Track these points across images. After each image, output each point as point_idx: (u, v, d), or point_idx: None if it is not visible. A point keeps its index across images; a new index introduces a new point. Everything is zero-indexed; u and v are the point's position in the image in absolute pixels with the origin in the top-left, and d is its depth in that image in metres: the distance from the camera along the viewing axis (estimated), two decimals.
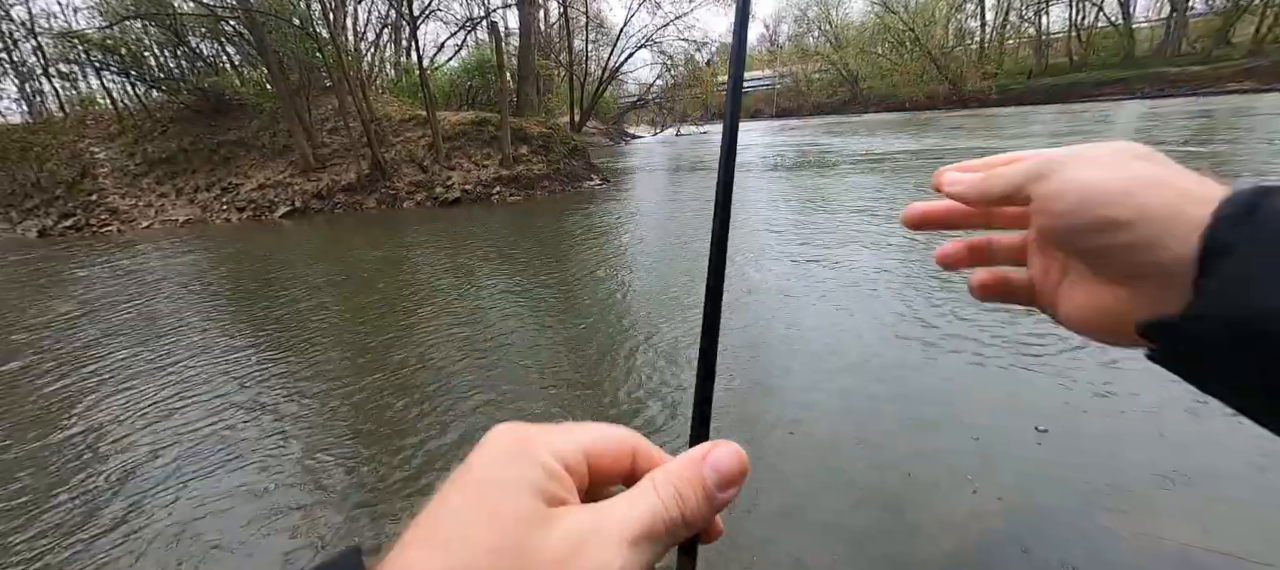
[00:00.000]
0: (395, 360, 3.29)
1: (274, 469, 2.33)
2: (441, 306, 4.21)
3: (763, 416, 2.43)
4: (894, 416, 2.35)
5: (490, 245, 6.29)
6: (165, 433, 2.67)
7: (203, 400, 2.97)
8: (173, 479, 2.31)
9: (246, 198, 10.20)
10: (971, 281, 0.35)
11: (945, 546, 1.67)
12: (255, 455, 2.43)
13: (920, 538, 1.70)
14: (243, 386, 3.10)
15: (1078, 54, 34.98)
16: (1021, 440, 2.12)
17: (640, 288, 4.34)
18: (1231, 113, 15.07)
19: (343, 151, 10.98)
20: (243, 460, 2.40)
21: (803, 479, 2.01)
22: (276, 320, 4.20)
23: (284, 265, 6.04)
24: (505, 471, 0.22)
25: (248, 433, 2.62)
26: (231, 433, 2.63)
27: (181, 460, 2.43)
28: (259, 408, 2.85)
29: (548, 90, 22.52)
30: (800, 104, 43.44)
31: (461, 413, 2.64)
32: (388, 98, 13.50)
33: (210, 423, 2.73)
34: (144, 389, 3.17)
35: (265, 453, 2.44)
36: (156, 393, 3.10)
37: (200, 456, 2.45)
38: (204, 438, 2.60)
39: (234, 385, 3.13)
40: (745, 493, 1.95)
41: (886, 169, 9.81)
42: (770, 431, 2.31)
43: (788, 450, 2.19)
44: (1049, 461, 1.99)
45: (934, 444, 2.14)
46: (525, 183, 10.46)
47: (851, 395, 2.54)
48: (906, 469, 2.00)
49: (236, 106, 11.72)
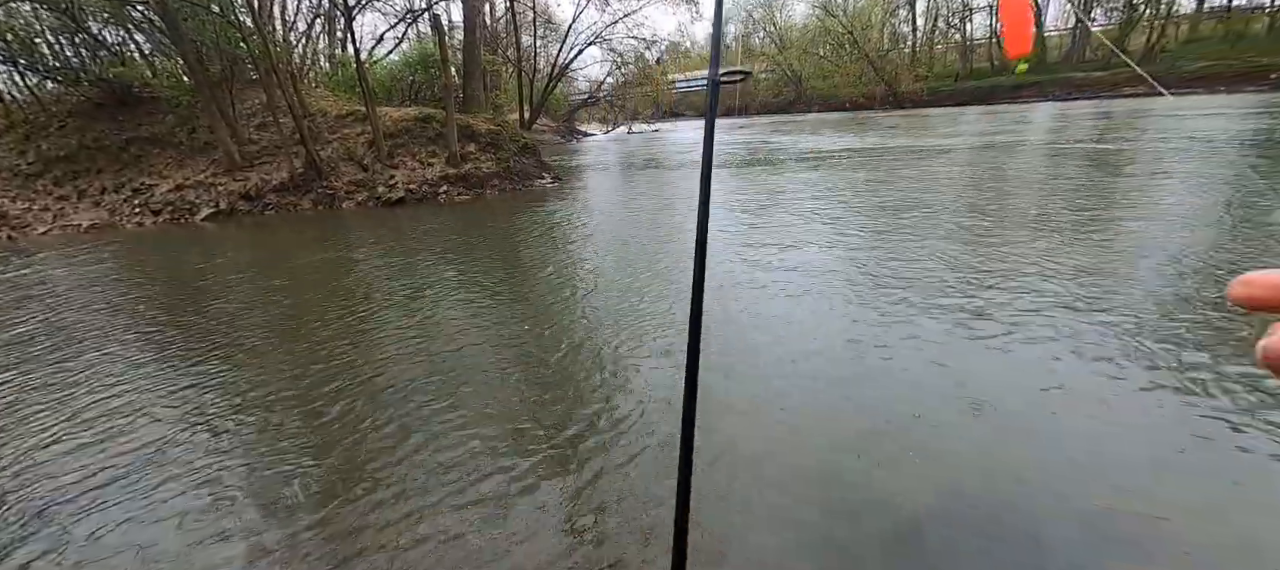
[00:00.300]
0: (347, 370, 3.11)
1: (209, 493, 2.14)
2: (397, 310, 4.01)
3: (721, 398, 2.47)
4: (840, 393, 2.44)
5: (442, 247, 6.06)
6: (83, 459, 2.40)
7: (126, 421, 2.69)
8: (96, 508, 2.08)
9: (163, 199, 9.35)
10: (1270, 346, 0.29)
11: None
12: (191, 479, 2.23)
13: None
14: (173, 405, 2.84)
15: (998, 59, 37.72)
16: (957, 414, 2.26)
17: (597, 287, 4.30)
18: (1129, 114, 16.68)
19: (273, 149, 10.27)
20: (176, 483, 2.20)
21: (762, 440, 2.06)
22: (206, 332, 3.87)
23: (214, 273, 5.57)
24: None
25: (181, 456, 2.40)
26: (161, 456, 2.40)
27: (104, 488, 2.20)
28: (192, 428, 2.62)
29: (495, 86, 21.96)
30: (748, 103, 44.50)
31: (421, 420, 2.53)
32: (322, 92, 12.74)
33: (137, 449, 2.48)
34: (55, 413, 2.84)
35: (201, 477, 2.25)
36: (70, 415, 2.78)
37: (125, 483, 2.22)
38: (127, 463, 2.36)
39: (164, 404, 2.85)
40: (711, 447, 1.98)
41: (831, 166, 10.21)
42: (730, 410, 2.35)
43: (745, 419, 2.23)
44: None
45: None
46: (474, 182, 10.16)
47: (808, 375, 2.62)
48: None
49: (148, 100, 10.70)
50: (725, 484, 1.97)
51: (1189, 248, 4.10)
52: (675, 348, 3.09)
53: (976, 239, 4.73)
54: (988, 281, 3.69)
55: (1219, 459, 1.94)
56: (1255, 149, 8.55)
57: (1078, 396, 2.35)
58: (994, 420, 2.23)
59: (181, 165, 10.05)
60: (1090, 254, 4.10)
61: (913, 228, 5.26)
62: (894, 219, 5.66)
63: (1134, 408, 2.26)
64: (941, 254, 4.35)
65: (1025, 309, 3.23)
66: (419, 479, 2.13)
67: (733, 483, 1.97)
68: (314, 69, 16.53)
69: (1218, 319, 2.95)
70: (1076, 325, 2.98)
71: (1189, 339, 2.77)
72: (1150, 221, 4.90)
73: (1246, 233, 4.39)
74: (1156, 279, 3.56)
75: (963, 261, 4.14)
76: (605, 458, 2.19)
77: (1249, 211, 5.04)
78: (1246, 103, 17.62)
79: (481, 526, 1.86)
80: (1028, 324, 3.04)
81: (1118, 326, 2.94)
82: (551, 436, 2.35)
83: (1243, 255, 3.90)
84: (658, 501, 1.92)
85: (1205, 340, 2.74)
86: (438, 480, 2.11)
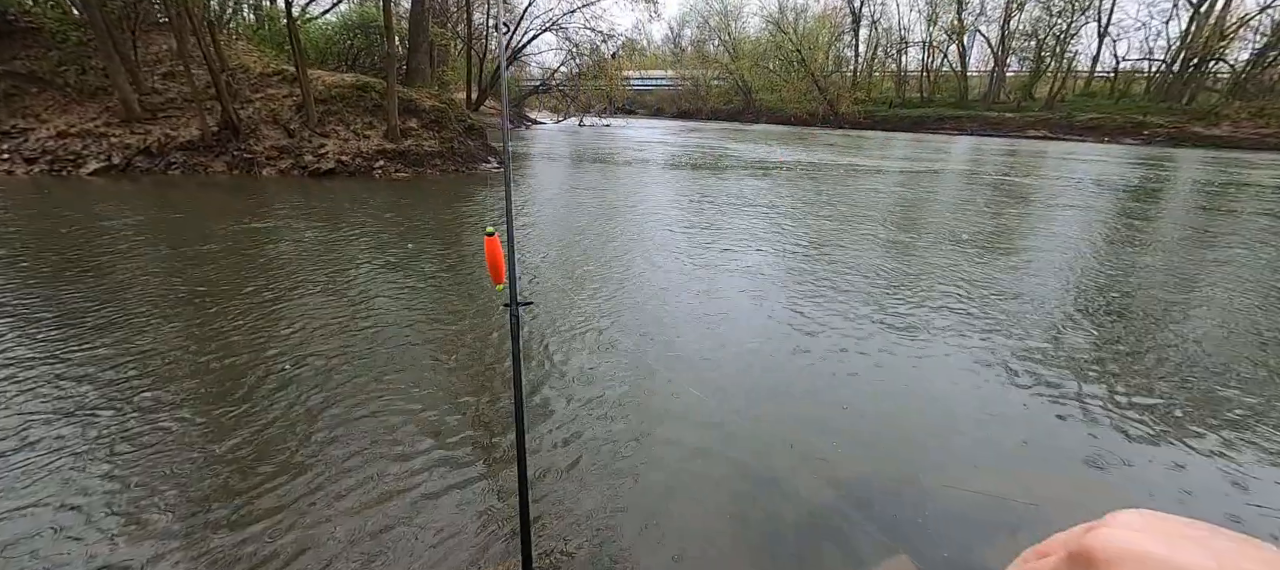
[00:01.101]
0: (251, 352, 2.86)
1: (77, 491, 1.90)
2: (317, 290, 3.74)
3: (656, 380, 2.51)
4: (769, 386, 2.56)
5: (375, 224, 5.71)
6: None
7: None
8: None
9: (40, 146, 8.16)
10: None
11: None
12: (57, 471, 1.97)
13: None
14: (34, 387, 2.49)
15: (927, 91, 40.85)
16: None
17: (535, 283, 4.23)
18: (1032, 154, 18.59)
19: (182, 103, 9.24)
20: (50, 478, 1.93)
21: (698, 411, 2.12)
22: (86, 305, 3.43)
23: (101, 234, 4.93)
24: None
25: (60, 446, 2.11)
26: (36, 446, 2.10)
27: None
28: (57, 415, 2.31)
29: (443, 62, 21.01)
30: (700, 107, 45.35)
31: (327, 407, 2.38)
32: (245, 46, 11.60)
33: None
34: None
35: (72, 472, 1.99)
36: None
37: None
38: None
39: (26, 385, 2.50)
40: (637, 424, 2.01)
41: (779, 177, 10.63)
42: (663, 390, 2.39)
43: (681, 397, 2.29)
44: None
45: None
46: (413, 159, 9.66)
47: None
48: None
49: (26, 30, 9.28)
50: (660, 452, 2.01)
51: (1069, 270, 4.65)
52: (618, 342, 3.11)
53: (901, 251, 5.11)
54: (905, 285, 4.01)
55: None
56: (1129, 193, 9.81)
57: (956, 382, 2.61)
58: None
59: (66, 110, 8.82)
60: (992, 269, 4.55)
61: (846, 239, 5.59)
62: (833, 227, 5.99)
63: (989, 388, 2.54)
64: (872, 265, 4.66)
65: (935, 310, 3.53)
66: (323, 469, 2.01)
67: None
68: (236, 19, 15.02)
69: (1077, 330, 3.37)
70: (972, 333, 3.30)
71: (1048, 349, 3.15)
72: (1043, 244, 5.51)
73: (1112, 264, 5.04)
74: (1035, 294, 4.01)
75: (887, 268, 4.46)
76: (539, 454, 2.16)
77: (1117, 248, 5.78)
78: (1125, 153, 20.18)
79: (388, 515, 1.79)
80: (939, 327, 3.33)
81: (1002, 332, 3.29)
82: (467, 425, 2.29)
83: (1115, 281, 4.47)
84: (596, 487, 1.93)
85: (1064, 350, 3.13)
86: (343, 468, 2.00)
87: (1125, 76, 35.96)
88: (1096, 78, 37.26)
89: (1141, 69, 36.00)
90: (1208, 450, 2.30)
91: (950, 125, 33.56)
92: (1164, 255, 5.47)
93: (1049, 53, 36.10)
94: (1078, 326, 3.55)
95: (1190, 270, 4.93)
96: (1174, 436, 2.39)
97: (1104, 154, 19.13)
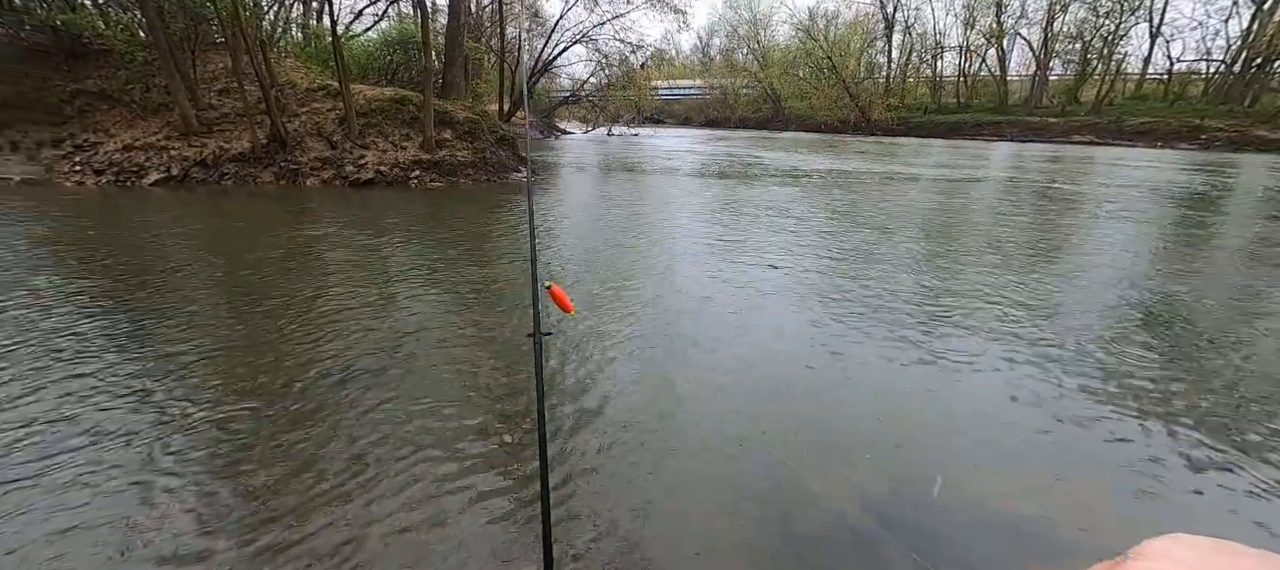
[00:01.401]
0: (298, 350, 2.99)
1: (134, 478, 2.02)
2: (359, 292, 3.89)
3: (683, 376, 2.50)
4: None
5: (409, 231, 5.91)
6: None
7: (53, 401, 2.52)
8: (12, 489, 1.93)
9: (108, 158, 8.77)
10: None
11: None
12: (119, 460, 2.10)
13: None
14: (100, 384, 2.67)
15: (964, 96, 39.63)
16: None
17: (565, 281, 4.29)
18: (1077, 160, 17.80)
19: (235, 117, 9.78)
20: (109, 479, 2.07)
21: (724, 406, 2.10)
22: (149, 306, 3.66)
23: (163, 241, 5.26)
24: None
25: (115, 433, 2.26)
26: (89, 437, 2.26)
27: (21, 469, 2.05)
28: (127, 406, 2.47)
29: (477, 75, 21.60)
30: (728, 116, 45.25)
31: (370, 406, 2.46)
32: (293, 63, 12.22)
33: (58, 422, 2.32)
34: None
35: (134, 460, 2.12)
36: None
37: (50, 463, 2.07)
38: (52, 441, 2.21)
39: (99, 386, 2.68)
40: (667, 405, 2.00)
41: (810, 185, 10.49)
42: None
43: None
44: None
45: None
46: (448, 169, 9.95)
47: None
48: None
49: (99, 52, 10.02)
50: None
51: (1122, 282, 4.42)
52: (644, 358, 3.12)
53: (937, 266, 4.96)
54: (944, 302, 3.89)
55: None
56: (1188, 201, 9.27)
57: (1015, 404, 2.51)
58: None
59: (132, 125, 9.45)
60: (1040, 283, 4.36)
61: (877, 250, 5.47)
62: (869, 238, 5.87)
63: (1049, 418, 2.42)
64: (905, 280, 4.55)
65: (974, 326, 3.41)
66: (366, 469, 2.07)
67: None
68: (285, 38, 15.84)
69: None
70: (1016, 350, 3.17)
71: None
72: (1093, 256, 5.26)
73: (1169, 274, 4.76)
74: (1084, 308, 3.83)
75: (928, 285, 4.34)
76: (563, 456, 2.19)
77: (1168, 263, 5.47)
78: (1180, 158, 19.10)
79: (425, 517, 1.83)
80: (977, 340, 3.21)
81: (1049, 352, 3.14)
82: (505, 429, 2.33)
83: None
84: (628, 488, 1.94)
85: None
86: (387, 469, 2.07)
87: (1180, 78, 34.10)
88: (1148, 79, 35.47)
89: (1198, 70, 34.10)
90: (1269, 479, 2.14)
91: (989, 131, 32.45)
92: (1228, 269, 5.15)
93: (1096, 55, 34.59)
94: (1131, 340, 3.37)
95: (1259, 286, 4.62)
96: (1227, 458, 2.24)
97: (1157, 159, 18.15)
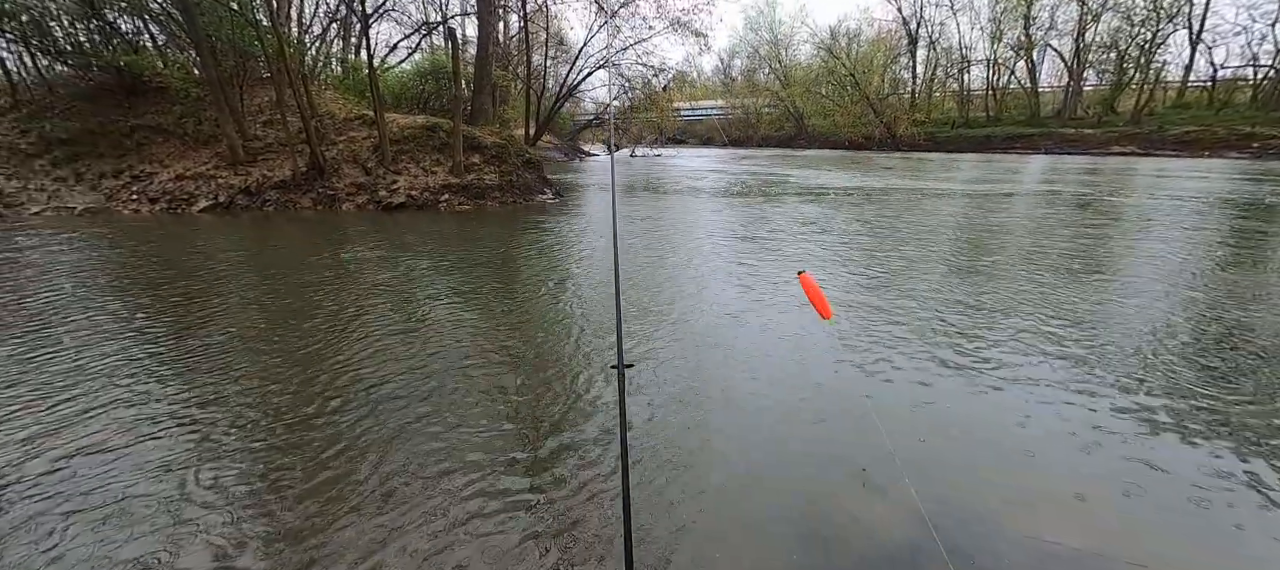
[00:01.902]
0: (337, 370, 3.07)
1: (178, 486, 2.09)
2: (390, 312, 3.99)
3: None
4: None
5: (439, 252, 6.06)
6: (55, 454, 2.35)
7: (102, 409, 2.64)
8: (59, 496, 2.02)
9: (161, 188, 9.31)
10: None
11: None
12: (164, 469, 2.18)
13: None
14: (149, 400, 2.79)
15: (993, 110, 38.80)
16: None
17: (593, 304, 4.31)
18: (1116, 172, 17.15)
19: (277, 146, 10.29)
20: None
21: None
22: (195, 323, 3.82)
23: (209, 265, 5.52)
24: None
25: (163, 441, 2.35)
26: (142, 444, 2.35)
27: (70, 478, 2.15)
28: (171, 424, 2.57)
29: (504, 101, 22.25)
30: (750, 135, 45.32)
31: (403, 423, 2.50)
32: (332, 95, 12.84)
33: (109, 435, 2.43)
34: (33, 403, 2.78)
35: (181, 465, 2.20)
36: (49, 405, 2.73)
37: (90, 475, 2.17)
38: (100, 452, 2.31)
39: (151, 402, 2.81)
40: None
41: (836, 203, 10.37)
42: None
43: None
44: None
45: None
46: (476, 192, 10.21)
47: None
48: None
49: (156, 89, 10.74)
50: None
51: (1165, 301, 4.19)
52: (657, 377, 3.09)
53: (979, 286, 4.81)
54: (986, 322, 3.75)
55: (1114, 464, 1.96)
56: (1247, 210, 8.80)
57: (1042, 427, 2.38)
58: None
59: (183, 156, 10.04)
60: (1091, 299, 4.18)
61: (918, 271, 5.34)
62: (901, 259, 5.75)
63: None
64: (939, 293, 4.42)
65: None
66: (396, 486, 2.10)
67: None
68: (325, 71, 16.69)
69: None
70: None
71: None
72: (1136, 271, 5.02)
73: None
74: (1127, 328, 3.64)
75: (971, 303, 4.21)
76: (573, 461, 2.17)
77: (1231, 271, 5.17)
78: (1229, 168, 18.20)
79: (457, 533, 1.84)
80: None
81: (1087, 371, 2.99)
82: (534, 446, 2.33)
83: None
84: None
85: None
86: (418, 489, 2.08)
87: (1226, 85, 32.69)
88: (1190, 87, 34.10)
89: (1245, 76, 32.64)
90: None
91: (1021, 144, 31.60)
92: None
93: (1132, 64, 33.52)
94: (1190, 363, 3.19)
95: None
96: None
97: (1206, 170, 17.33)
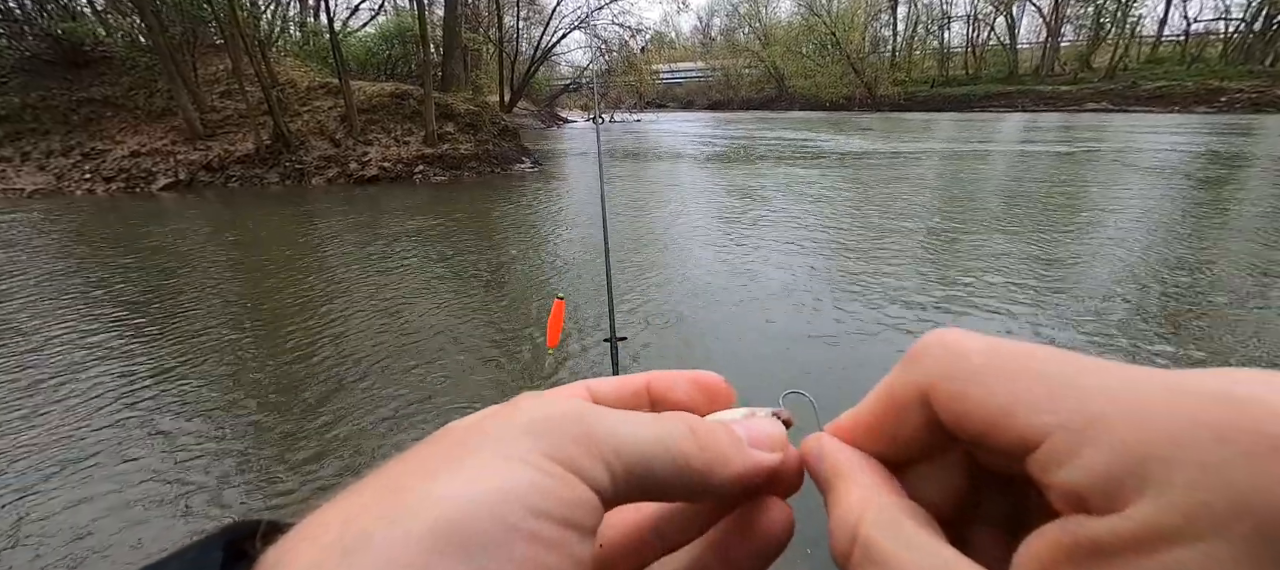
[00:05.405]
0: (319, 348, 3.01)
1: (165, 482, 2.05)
2: (367, 292, 3.90)
3: None
4: None
5: (418, 229, 5.91)
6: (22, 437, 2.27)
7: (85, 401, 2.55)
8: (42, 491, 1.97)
9: (116, 166, 8.84)
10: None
11: None
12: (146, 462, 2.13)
13: None
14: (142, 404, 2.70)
15: (972, 67, 38.77)
16: None
17: (572, 277, 4.28)
18: (1091, 127, 17.40)
19: (237, 119, 9.80)
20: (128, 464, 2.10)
21: None
22: (168, 312, 3.69)
23: (176, 248, 5.31)
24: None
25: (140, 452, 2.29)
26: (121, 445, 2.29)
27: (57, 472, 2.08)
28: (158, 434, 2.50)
29: (476, 66, 21.45)
30: (731, 97, 44.66)
31: (382, 399, 2.47)
32: (292, 62, 12.20)
33: (86, 428, 2.36)
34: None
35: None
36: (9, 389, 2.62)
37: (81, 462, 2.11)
38: (79, 440, 2.24)
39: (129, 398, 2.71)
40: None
41: (827, 166, 10.36)
42: None
43: None
44: None
45: None
46: (451, 162, 9.92)
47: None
48: None
49: (101, 59, 10.07)
50: None
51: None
52: (643, 343, 3.10)
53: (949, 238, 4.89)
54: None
55: None
56: (1205, 168, 9.03)
57: None
58: None
59: (137, 131, 9.51)
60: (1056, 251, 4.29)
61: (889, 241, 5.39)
62: (879, 218, 5.80)
63: None
64: (918, 252, 4.49)
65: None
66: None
67: None
68: (283, 37, 15.82)
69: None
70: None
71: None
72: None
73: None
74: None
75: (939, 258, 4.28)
76: None
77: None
78: (1200, 123, 18.59)
79: None
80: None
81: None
82: None
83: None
84: None
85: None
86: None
87: (1198, 39, 33.10)
88: (1165, 42, 34.47)
89: (1217, 30, 33.07)
90: None
91: (999, 102, 31.75)
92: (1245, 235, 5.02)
93: (1109, 18, 33.62)
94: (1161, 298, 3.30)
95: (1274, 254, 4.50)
96: None
97: (1178, 125, 17.68)
